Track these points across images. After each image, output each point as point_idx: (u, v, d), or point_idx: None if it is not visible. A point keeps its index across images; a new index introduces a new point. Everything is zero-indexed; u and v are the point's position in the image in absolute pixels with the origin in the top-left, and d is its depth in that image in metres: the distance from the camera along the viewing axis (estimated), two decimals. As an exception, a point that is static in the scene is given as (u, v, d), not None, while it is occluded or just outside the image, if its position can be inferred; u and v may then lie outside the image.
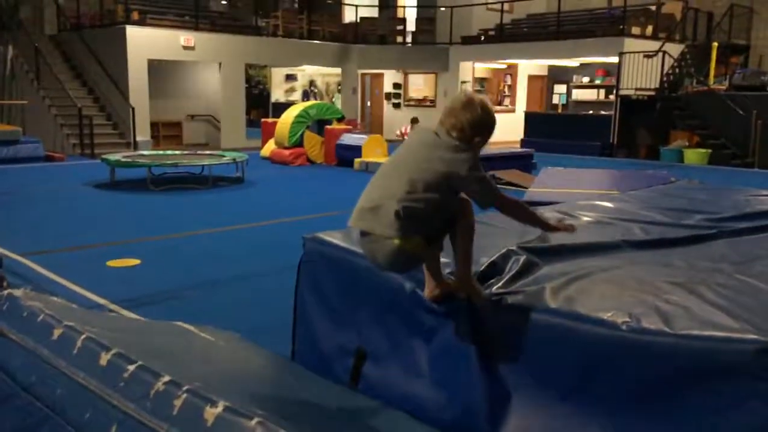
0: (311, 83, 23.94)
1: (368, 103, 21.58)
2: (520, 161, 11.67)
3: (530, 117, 18.59)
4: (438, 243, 2.40)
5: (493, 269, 2.61)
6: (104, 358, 2.14)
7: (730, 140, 14.11)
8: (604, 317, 2.16)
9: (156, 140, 16.42)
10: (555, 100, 20.17)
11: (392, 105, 20.97)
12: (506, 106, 20.68)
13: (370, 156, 12.72)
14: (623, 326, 2.10)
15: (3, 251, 5.70)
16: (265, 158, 13.76)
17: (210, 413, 1.79)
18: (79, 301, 4.30)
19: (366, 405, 2.70)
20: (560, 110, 19.66)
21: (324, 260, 3.12)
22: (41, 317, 2.46)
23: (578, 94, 19.62)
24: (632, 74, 15.46)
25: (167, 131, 17.70)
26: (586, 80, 19.48)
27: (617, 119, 16.03)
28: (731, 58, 17.78)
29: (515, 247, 2.76)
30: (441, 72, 19.62)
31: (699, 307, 2.18)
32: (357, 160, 12.58)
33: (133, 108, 14.69)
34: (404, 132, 12.76)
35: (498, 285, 2.50)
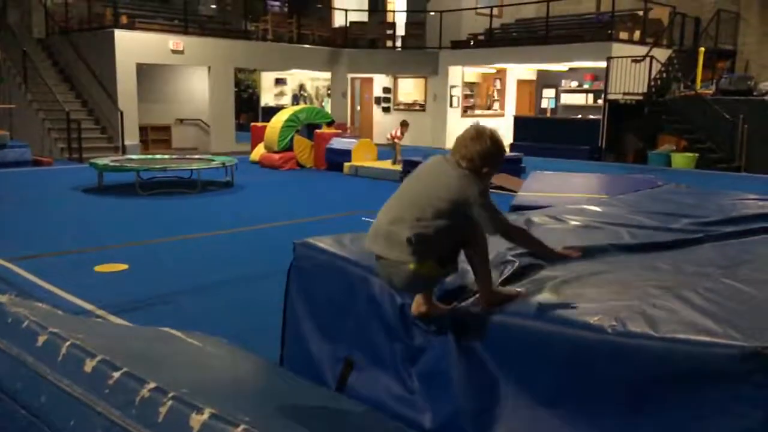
0: (301, 87, 23.91)
1: (358, 108, 21.58)
2: (509, 165, 11.64)
3: (519, 121, 18.65)
4: (452, 264, 2.46)
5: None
6: (89, 365, 2.12)
7: (717, 144, 14.23)
8: (591, 321, 2.16)
9: (145, 144, 16.32)
10: (544, 105, 20.23)
11: (382, 109, 20.99)
12: (495, 111, 20.76)
13: (360, 160, 12.73)
14: (609, 330, 2.11)
15: (-11, 256, 5.67)
16: (255, 162, 13.74)
17: (196, 420, 1.79)
18: (66, 307, 4.27)
19: (354, 409, 2.70)
20: (549, 114, 19.74)
21: (314, 265, 3.12)
22: (26, 323, 2.44)
23: (567, 99, 19.70)
24: (620, 79, 15.56)
25: (156, 135, 17.60)
26: (575, 85, 19.56)
27: (605, 123, 16.13)
28: (718, 63, 17.92)
29: (507, 253, 2.77)
30: (430, 76, 19.67)
31: (685, 312, 2.19)
32: (347, 164, 12.58)
33: (122, 112, 14.63)
34: (394, 135, 12.71)
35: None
